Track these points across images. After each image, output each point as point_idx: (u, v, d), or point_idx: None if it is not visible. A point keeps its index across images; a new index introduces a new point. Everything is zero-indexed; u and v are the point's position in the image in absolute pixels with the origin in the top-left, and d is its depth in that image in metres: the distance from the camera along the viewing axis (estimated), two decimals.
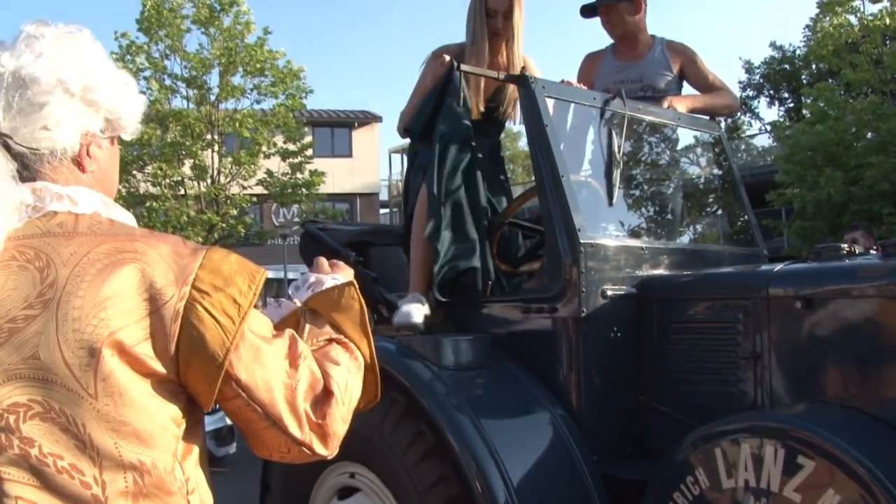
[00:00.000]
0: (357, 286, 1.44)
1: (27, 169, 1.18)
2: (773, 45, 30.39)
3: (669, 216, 3.48)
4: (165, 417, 1.10)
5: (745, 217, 3.54)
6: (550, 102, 2.79)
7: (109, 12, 46.20)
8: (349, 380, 1.28)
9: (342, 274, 1.50)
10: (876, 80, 16.72)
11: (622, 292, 2.75)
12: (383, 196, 30.91)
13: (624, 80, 3.53)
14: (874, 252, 2.75)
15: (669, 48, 3.67)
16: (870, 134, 16.46)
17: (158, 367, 1.08)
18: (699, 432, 2.27)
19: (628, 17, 3.58)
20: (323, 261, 1.54)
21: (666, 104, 3.26)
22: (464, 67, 2.86)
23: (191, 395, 1.14)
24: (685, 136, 3.58)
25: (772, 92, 31.23)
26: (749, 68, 31.44)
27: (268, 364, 1.16)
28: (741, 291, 2.61)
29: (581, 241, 2.63)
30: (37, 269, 1.08)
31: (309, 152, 18.51)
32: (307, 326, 1.35)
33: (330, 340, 1.35)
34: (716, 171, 3.75)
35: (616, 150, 2.88)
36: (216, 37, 17.26)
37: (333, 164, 25.05)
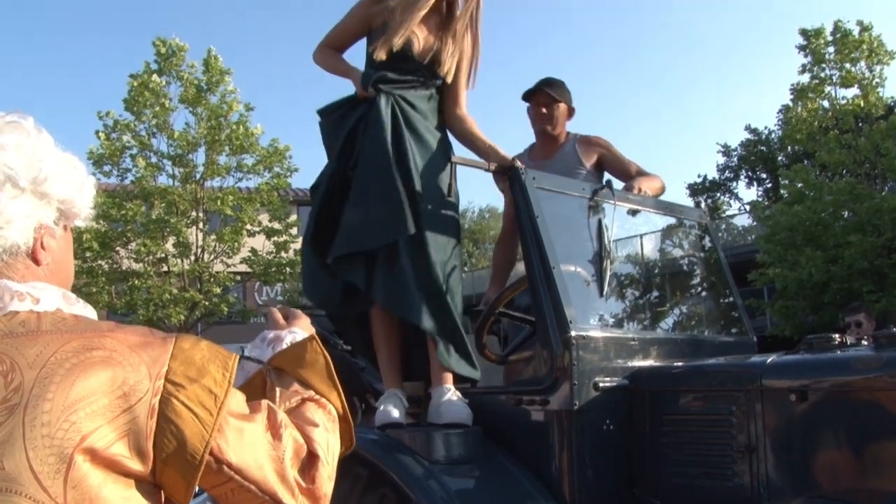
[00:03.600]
0: (318, 339, 1.43)
1: None
2: (748, 128, 31.22)
3: (659, 305, 3.48)
4: None
5: (732, 300, 3.55)
6: (541, 194, 2.81)
7: (95, 91, 46.97)
8: (329, 438, 1.27)
9: (299, 326, 1.50)
10: (850, 162, 17.12)
11: (614, 384, 2.72)
12: None
13: None
14: (865, 343, 2.76)
15: (582, 143, 3.77)
16: (847, 213, 16.77)
17: (135, 467, 1.03)
18: None
19: (560, 117, 3.74)
20: (276, 314, 1.54)
21: (635, 189, 3.30)
22: (455, 159, 2.88)
23: (167, 494, 1.10)
24: (672, 225, 3.61)
25: (750, 173, 31.87)
26: (726, 151, 32.16)
27: (253, 442, 1.14)
28: (734, 383, 2.59)
29: (573, 333, 2.62)
30: (0, 373, 1.03)
31: (294, 231, 18.53)
32: (277, 389, 1.34)
33: (303, 400, 1.33)
34: (703, 258, 3.77)
35: (606, 240, 2.89)
36: (203, 115, 17.44)
37: None
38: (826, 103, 17.64)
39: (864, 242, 15.54)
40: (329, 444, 1.26)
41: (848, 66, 17.23)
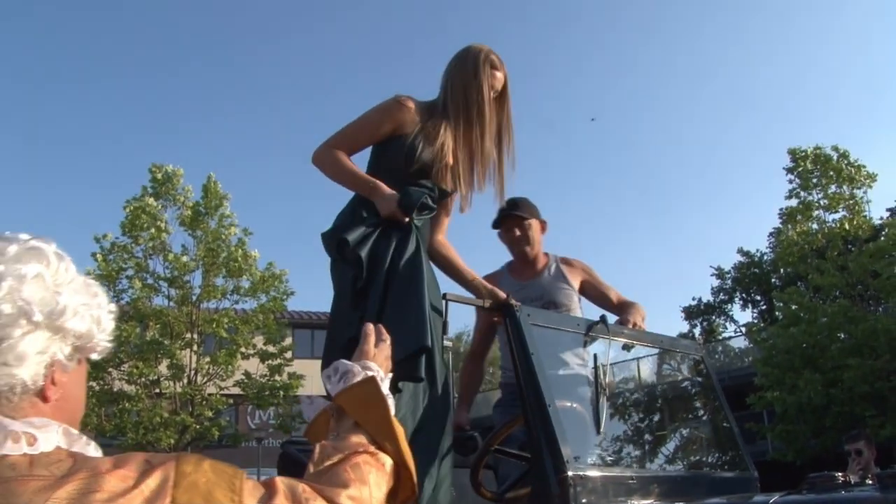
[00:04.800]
0: (377, 382, 1.40)
1: None
2: (741, 251, 31.55)
3: (657, 437, 3.42)
4: None
5: (730, 427, 3.49)
6: (536, 330, 2.81)
7: (93, 214, 47.71)
8: (363, 494, 1.22)
9: (379, 360, 1.47)
10: (843, 284, 17.23)
11: None
12: None
13: (525, 299, 3.49)
14: (870, 481, 2.71)
15: (564, 263, 3.75)
16: (843, 335, 16.74)
17: None
18: None
19: (535, 235, 3.69)
20: (370, 335, 1.51)
21: (630, 324, 3.27)
22: (449, 296, 2.85)
23: None
24: (668, 359, 3.60)
25: (744, 295, 32.00)
26: (720, 274, 32.37)
27: None
28: None
29: (570, 472, 2.56)
30: None
31: (288, 354, 18.39)
32: (317, 446, 1.30)
33: (347, 455, 1.27)
34: (700, 390, 3.74)
35: (601, 375, 2.87)
36: (201, 238, 17.64)
37: (313, 365, 24.79)
38: (815, 226, 17.95)
39: (863, 365, 15.45)
40: (362, 501, 1.22)
41: (833, 188, 17.66)
